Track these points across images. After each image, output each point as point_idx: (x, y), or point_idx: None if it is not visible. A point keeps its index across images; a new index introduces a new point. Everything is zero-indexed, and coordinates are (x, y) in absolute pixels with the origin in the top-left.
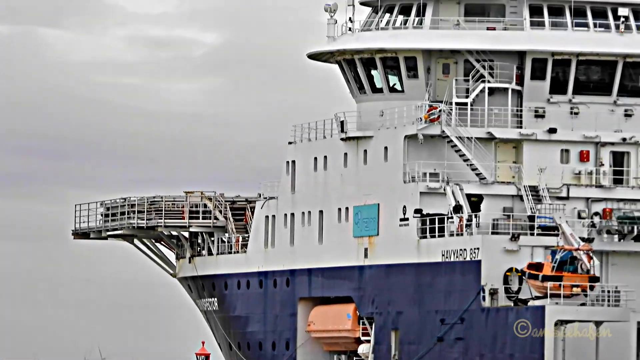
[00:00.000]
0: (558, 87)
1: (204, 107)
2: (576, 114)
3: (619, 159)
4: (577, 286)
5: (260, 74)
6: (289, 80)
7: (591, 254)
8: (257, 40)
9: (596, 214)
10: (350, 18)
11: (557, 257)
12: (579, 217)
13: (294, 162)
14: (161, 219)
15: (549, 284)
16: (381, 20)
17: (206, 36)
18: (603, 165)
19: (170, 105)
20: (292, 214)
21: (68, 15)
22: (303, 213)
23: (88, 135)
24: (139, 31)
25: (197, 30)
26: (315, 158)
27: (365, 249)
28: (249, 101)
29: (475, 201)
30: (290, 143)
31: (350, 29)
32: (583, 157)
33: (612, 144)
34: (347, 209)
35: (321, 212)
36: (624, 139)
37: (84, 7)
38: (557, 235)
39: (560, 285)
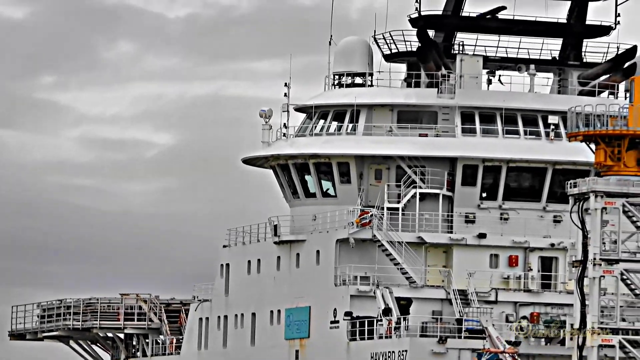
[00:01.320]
0: (488, 193)
1: (143, 208)
2: (506, 219)
3: (547, 264)
4: None
5: (200, 177)
6: (225, 184)
7: (517, 357)
8: (199, 143)
9: (524, 317)
10: (284, 124)
11: (483, 359)
12: (507, 320)
13: (228, 265)
14: (97, 320)
15: None
16: (315, 126)
17: (160, 137)
18: (531, 270)
19: (117, 206)
20: (226, 317)
21: (22, 116)
22: (236, 315)
23: (34, 236)
24: (92, 132)
25: (150, 131)
26: (249, 261)
27: (297, 351)
28: (186, 204)
29: (404, 304)
30: (224, 246)
31: (284, 135)
32: (512, 262)
33: (541, 249)
34: (279, 311)
35: (254, 314)
36: (553, 245)
37: (37, 107)
38: (484, 338)
39: None
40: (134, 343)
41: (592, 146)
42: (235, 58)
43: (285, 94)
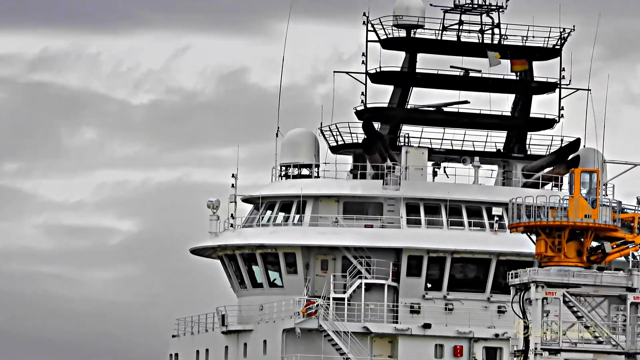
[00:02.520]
0: (433, 283)
1: (105, 295)
2: (451, 310)
3: (492, 354)
4: None
5: (156, 266)
6: (178, 273)
7: None
8: (160, 230)
9: None
10: (232, 214)
11: None
12: None
13: (177, 354)
14: None
15: None
16: (262, 217)
17: (123, 224)
18: (476, 359)
19: (80, 294)
20: None
21: None
22: None
23: None
24: (55, 219)
25: (113, 218)
26: (197, 351)
27: None
28: (140, 292)
29: None
30: (174, 336)
31: (232, 225)
32: (456, 352)
33: (485, 339)
34: None
35: None
36: (497, 335)
37: (0, 194)
38: None
39: None
40: None
41: (533, 237)
42: (200, 144)
43: (232, 185)
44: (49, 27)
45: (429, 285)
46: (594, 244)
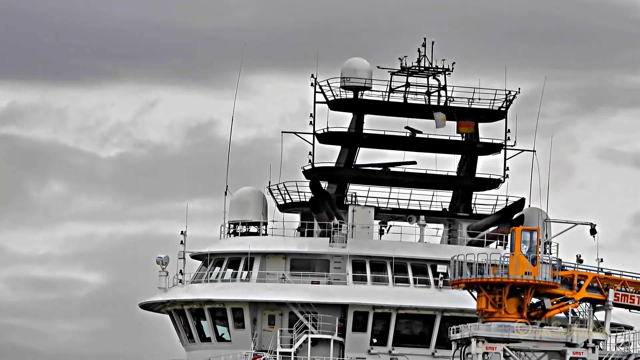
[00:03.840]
0: (379, 338)
1: (70, 349)
2: None
3: None
4: None
5: (115, 320)
6: (132, 327)
7: None
8: (125, 283)
9: None
10: (181, 270)
11: None
12: None
13: None
14: None
15: None
16: (211, 273)
17: (90, 277)
18: None
19: (47, 346)
20: None
21: None
22: None
23: None
24: (22, 272)
25: (80, 271)
26: None
27: None
28: (99, 346)
29: None
30: None
31: (180, 281)
32: None
33: None
34: None
35: None
36: None
37: None
38: None
39: None
40: None
41: (475, 293)
42: (167, 197)
43: (181, 242)
44: (17, 80)
45: (375, 340)
46: (534, 300)
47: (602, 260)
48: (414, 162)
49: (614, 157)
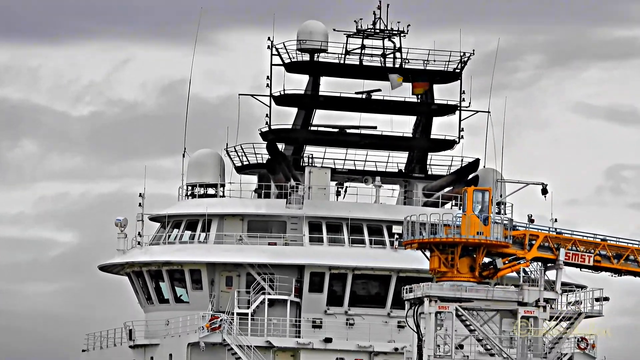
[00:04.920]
0: (335, 299)
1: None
2: (351, 325)
3: None
4: None
5: (79, 280)
6: (85, 289)
7: None
8: (95, 243)
9: None
10: (139, 233)
11: None
12: None
13: None
14: None
15: None
16: (169, 235)
17: (63, 236)
18: None
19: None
20: None
21: None
22: None
23: None
24: None
25: (53, 230)
26: None
27: None
28: (57, 307)
29: None
30: (83, 351)
31: (139, 243)
32: None
33: (385, 353)
34: None
35: None
36: (397, 349)
37: None
38: None
39: None
40: None
41: (427, 253)
42: (140, 156)
43: (139, 204)
44: None
45: (331, 301)
46: (486, 260)
47: (556, 220)
48: (374, 127)
49: (588, 110)
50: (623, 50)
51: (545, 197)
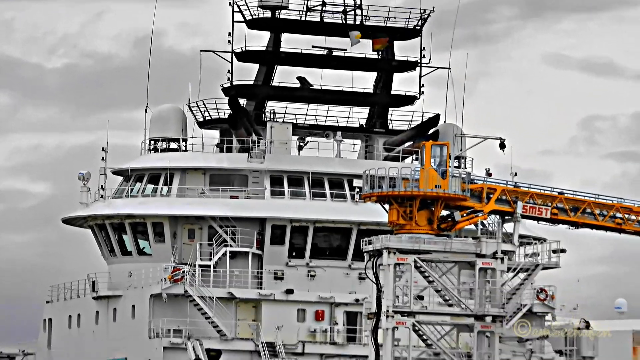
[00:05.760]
0: (296, 251)
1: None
2: (313, 276)
3: (352, 318)
4: None
5: (47, 232)
6: (54, 241)
7: None
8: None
9: None
10: (102, 186)
11: None
12: None
13: (50, 320)
14: None
15: None
16: (132, 189)
17: (36, 187)
18: (337, 324)
19: None
20: None
21: None
22: None
23: None
24: None
25: (26, 181)
26: (70, 316)
27: None
28: (24, 257)
29: (214, 355)
30: (47, 302)
31: (102, 196)
32: (318, 317)
33: (346, 304)
34: None
35: None
36: (357, 300)
37: None
38: None
39: None
40: None
41: (386, 206)
42: (114, 108)
43: (102, 158)
44: None
45: (293, 253)
46: (445, 212)
47: (515, 174)
48: (332, 51)
49: (562, 62)
50: (598, 2)
51: (503, 151)
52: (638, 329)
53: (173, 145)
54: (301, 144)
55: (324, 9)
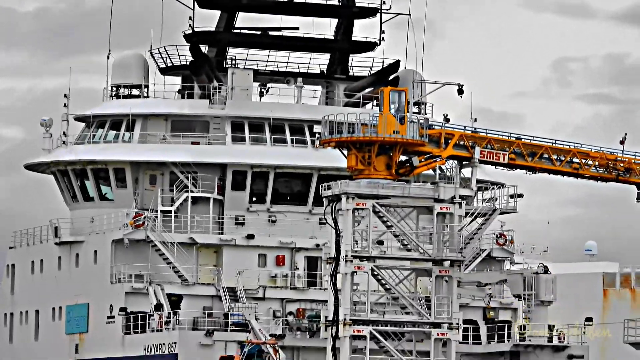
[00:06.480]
0: (257, 197)
1: None
2: (274, 222)
3: (312, 263)
4: None
5: (15, 177)
6: (10, 188)
7: (277, 348)
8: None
9: (290, 313)
10: (64, 132)
11: (246, 350)
12: (274, 315)
13: (13, 265)
14: None
15: None
16: (94, 135)
17: (8, 132)
18: (298, 269)
19: None
20: (12, 314)
21: None
22: (21, 313)
23: None
24: None
25: None
26: (33, 262)
27: (77, 345)
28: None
29: (175, 300)
30: (10, 248)
31: (64, 143)
32: (279, 262)
33: (307, 249)
34: (60, 308)
35: (37, 311)
36: (318, 245)
37: None
38: (248, 331)
39: None
40: None
41: (345, 152)
42: (87, 52)
43: (64, 105)
44: None
45: (254, 199)
46: (403, 158)
47: (475, 119)
48: (297, 28)
49: (534, 3)
50: None
51: (461, 97)
52: (608, 271)
53: (135, 92)
54: (262, 90)
55: None
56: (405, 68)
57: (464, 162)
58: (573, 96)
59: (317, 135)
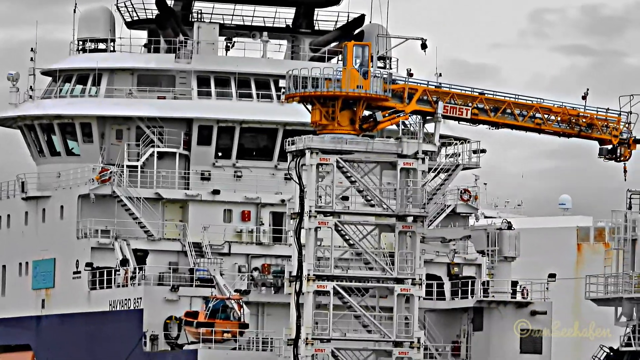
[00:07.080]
0: (223, 152)
1: None
2: (239, 177)
3: (278, 218)
4: (228, 332)
5: None
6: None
7: (242, 303)
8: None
9: (255, 269)
10: (31, 86)
11: (210, 305)
12: (239, 271)
13: None
14: None
15: (201, 330)
16: (60, 89)
17: None
18: (263, 224)
19: None
20: None
21: None
22: None
23: None
24: None
25: None
26: (0, 217)
27: (43, 300)
28: None
29: (141, 256)
30: None
31: (31, 97)
32: (245, 217)
33: (272, 205)
34: (27, 263)
35: (4, 266)
36: (283, 201)
37: None
38: (214, 286)
39: (212, 331)
40: None
41: (309, 107)
42: (57, 2)
43: (31, 59)
44: None
45: (219, 154)
46: (367, 113)
47: (440, 74)
48: None
49: None
50: None
51: (425, 52)
52: (582, 225)
53: (101, 46)
54: (228, 44)
55: None
56: (370, 22)
57: (427, 117)
58: (550, 47)
59: (282, 90)
